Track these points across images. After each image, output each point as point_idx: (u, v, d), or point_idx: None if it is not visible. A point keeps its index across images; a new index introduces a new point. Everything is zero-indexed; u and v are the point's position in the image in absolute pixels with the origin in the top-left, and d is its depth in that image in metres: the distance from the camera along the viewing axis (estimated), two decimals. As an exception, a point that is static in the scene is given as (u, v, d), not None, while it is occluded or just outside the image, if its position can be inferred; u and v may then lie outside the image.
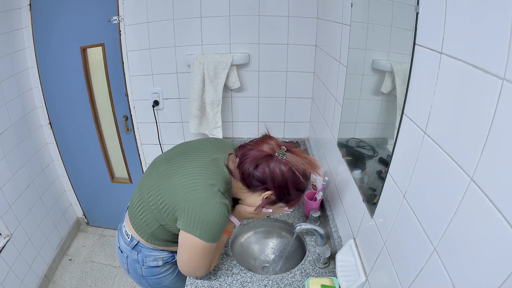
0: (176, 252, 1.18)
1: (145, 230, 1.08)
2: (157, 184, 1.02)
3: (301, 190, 1.01)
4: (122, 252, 1.19)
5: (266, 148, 0.98)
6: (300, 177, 0.96)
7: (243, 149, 1.02)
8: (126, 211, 1.21)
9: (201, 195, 0.95)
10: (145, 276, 1.20)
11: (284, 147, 0.98)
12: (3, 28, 1.89)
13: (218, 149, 1.11)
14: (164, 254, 1.17)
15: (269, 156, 0.96)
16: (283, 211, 1.16)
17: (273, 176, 0.95)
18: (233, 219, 1.15)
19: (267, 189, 0.99)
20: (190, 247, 0.99)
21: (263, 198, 1.01)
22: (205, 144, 1.14)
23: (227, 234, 1.15)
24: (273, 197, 1.01)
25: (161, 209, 1.00)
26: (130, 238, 1.14)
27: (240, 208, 1.14)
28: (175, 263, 1.22)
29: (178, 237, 1.02)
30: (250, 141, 1.05)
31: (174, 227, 1.00)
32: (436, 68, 0.61)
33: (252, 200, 1.06)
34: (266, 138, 1.03)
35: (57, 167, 2.54)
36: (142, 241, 1.12)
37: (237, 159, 1.03)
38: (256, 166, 0.96)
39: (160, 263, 1.17)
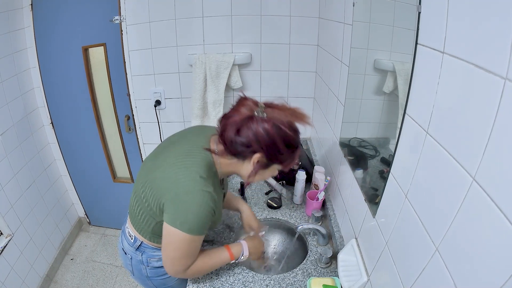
0: None
1: (145, 229, 1.08)
2: (145, 180, 1.01)
3: (291, 145, 0.94)
4: (126, 253, 1.18)
5: (244, 110, 0.91)
6: (287, 130, 0.90)
7: (223, 119, 0.96)
8: (128, 212, 1.21)
9: (183, 184, 0.92)
10: (150, 277, 1.19)
11: (262, 104, 0.92)
12: (4, 28, 1.90)
13: (200, 134, 1.07)
14: None
15: (249, 118, 0.89)
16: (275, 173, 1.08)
17: (257, 137, 0.89)
18: (244, 246, 1.13)
19: (255, 152, 0.92)
20: (170, 238, 0.94)
21: (253, 162, 0.95)
22: (187, 134, 1.11)
23: (231, 257, 1.11)
24: (264, 160, 0.94)
25: (152, 204, 0.98)
26: (133, 239, 1.13)
27: (253, 242, 1.14)
28: None
29: None
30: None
31: None
32: (438, 67, 0.61)
33: (245, 169, 0.99)
34: (242, 100, 0.96)
35: (58, 167, 2.54)
36: (145, 241, 1.12)
37: (219, 131, 0.97)
38: (238, 131, 0.90)
39: None
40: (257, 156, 0.93)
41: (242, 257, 1.14)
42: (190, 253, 0.99)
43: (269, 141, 0.89)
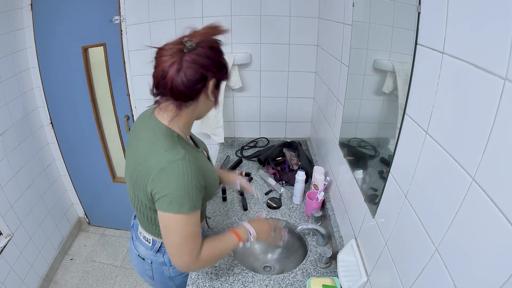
0: None
1: (156, 229, 1.04)
2: (128, 181, 0.98)
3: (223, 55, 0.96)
4: (144, 259, 1.15)
5: (167, 59, 0.87)
6: (217, 46, 0.92)
7: (160, 80, 0.87)
8: (134, 219, 1.19)
9: (155, 166, 0.86)
10: (173, 276, 1.17)
11: (185, 39, 0.89)
12: (4, 28, 1.90)
13: (145, 119, 1.02)
14: None
15: (182, 58, 0.86)
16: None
17: (205, 66, 0.87)
18: (247, 226, 1.09)
19: (206, 82, 0.89)
20: (164, 224, 0.90)
21: (211, 91, 0.92)
22: (135, 128, 1.05)
23: (238, 238, 1.05)
24: (216, 82, 0.92)
25: (145, 201, 0.94)
26: (151, 242, 1.11)
27: (256, 223, 1.11)
28: None
29: None
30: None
31: None
32: (438, 68, 0.61)
33: (202, 105, 0.96)
34: (159, 52, 0.91)
35: (58, 167, 2.54)
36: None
37: (166, 93, 0.90)
38: (185, 75, 0.85)
39: None
40: (212, 82, 0.91)
41: (251, 237, 1.08)
42: (191, 235, 0.91)
43: (214, 62, 0.90)
